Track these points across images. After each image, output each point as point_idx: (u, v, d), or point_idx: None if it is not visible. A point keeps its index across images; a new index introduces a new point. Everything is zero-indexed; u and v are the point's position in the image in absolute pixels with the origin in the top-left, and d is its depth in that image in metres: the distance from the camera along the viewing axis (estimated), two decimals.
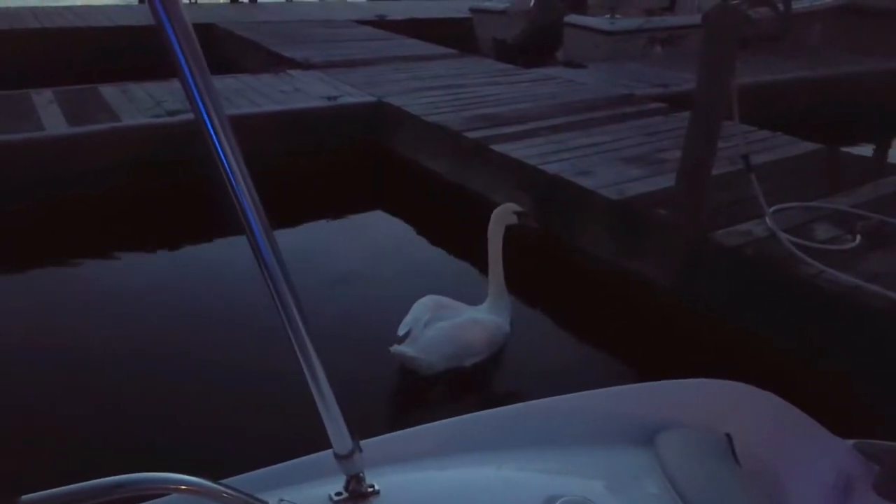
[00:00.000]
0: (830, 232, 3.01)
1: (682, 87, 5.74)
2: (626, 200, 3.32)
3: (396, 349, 2.52)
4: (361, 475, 0.87)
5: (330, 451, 0.85)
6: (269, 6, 11.12)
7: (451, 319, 2.66)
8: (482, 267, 2.90)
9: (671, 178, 3.27)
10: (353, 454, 0.84)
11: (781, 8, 2.94)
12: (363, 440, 0.86)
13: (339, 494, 0.87)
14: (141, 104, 4.67)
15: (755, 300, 2.78)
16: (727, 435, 1.07)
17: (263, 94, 5.15)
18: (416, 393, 2.62)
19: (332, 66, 6.26)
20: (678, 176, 3.14)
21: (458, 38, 8.75)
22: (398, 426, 1.08)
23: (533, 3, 8.60)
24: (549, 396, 1.15)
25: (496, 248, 2.78)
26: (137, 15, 8.67)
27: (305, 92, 5.27)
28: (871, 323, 2.42)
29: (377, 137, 5.01)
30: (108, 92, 4.96)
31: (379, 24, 9.27)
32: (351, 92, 5.27)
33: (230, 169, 0.67)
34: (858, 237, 2.91)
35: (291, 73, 5.97)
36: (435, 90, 5.46)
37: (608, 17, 7.96)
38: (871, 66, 7.26)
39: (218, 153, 0.66)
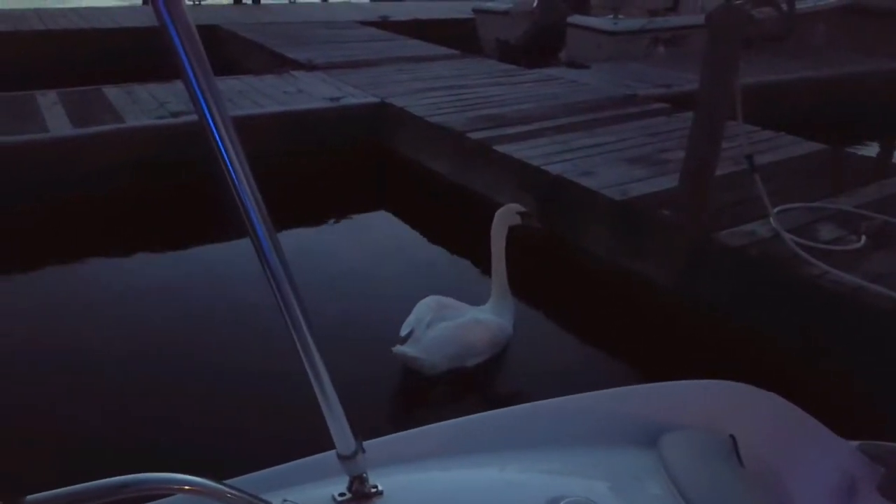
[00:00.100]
0: (835, 232, 3.00)
1: (685, 87, 5.73)
2: (629, 201, 3.32)
3: (399, 349, 2.52)
4: (365, 476, 0.87)
5: (333, 451, 0.85)
6: (272, 7, 11.15)
7: (453, 320, 2.66)
8: (485, 267, 2.90)
9: (674, 178, 3.27)
10: (356, 455, 0.84)
11: (785, 8, 2.93)
12: (366, 441, 0.86)
13: (342, 495, 0.87)
14: (145, 105, 4.68)
15: (759, 301, 2.77)
16: (731, 436, 1.07)
17: (267, 95, 5.16)
18: (418, 393, 2.63)
19: (334, 66, 6.27)
20: (681, 176, 3.14)
21: (460, 38, 8.75)
22: (400, 426, 1.08)
23: (536, 3, 8.60)
24: (552, 397, 1.15)
25: (499, 248, 2.78)
26: (141, 16, 8.70)
27: (308, 93, 5.27)
28: (875, 323, 2.41)
29: (380, 138, 5.02)
30: (112, 93, 4.98)
31: (382, 24, 9.27)
32: (354, 93, 5.28)
33: (233, 170, 0.67)
34: (863, 237, 2.90)
35: (294, 74, 5.98)
36: (438, 91, 5.46)
37: (611, 17, 7.95)
38: (875, 66, 7.23)
39: (221, 154, 0.66)
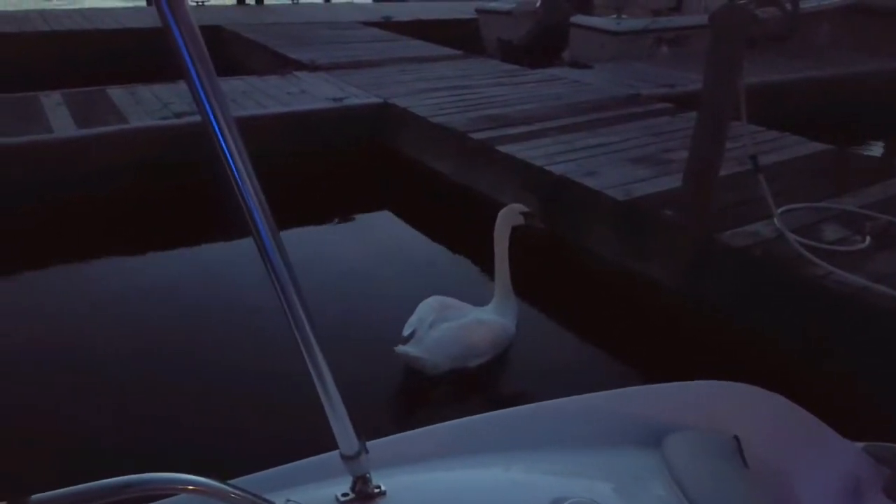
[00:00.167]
0: (839, 233, 2.99)
1: (688, 87, 5.71)
2: (632, 201, 3.31)
3: (401, 349, 2.52)
4: (368, 476, 0.87)
5: (336, 451, 0.85)
6: (275, 8, 11.17)
7: (456, 320, 2.66)
8: (488, 268, 2.90)
9: (678, 178, 3.26)
10: (359, 455, 0.84)
11: (789, 7, 2.92)
12: (369, 441, 0.86)
13: (345, 495, 0.87)
14: (148, 106, 4.70)
15: (763, 301, 2.76)
16: (735, 437, 1.06)
17: (270, 95, 5.17)
18: (420, 393, 2.62)
19: (337, 67, 6.27)
20: (685, 176, 3.13)
21: (463, 39, 8.75)
22: (403, 426, 1.08)
23: (539, 3, 8.60)
24: (555, 398, 1.15)
25: (502, 248, 2.77)
26: (145, 17, 8.72)
27: (311, 93, 5.28)
28: (880, 324, 2.40)
29: (383, 138, 5.02)
30: (115, 94, 4.99)
31: (384, 25, 9.28)
32: (357, 93, 5.28)
33: (237, 170, 0.67)
34: (867, 238, 2.89)
35: (298, 74, 5.99)
36: (440, 91, 5.46)
37: (614, 17, 7.95)
38: (879, 65, 7.21)
39: (225, 154, 0.66)
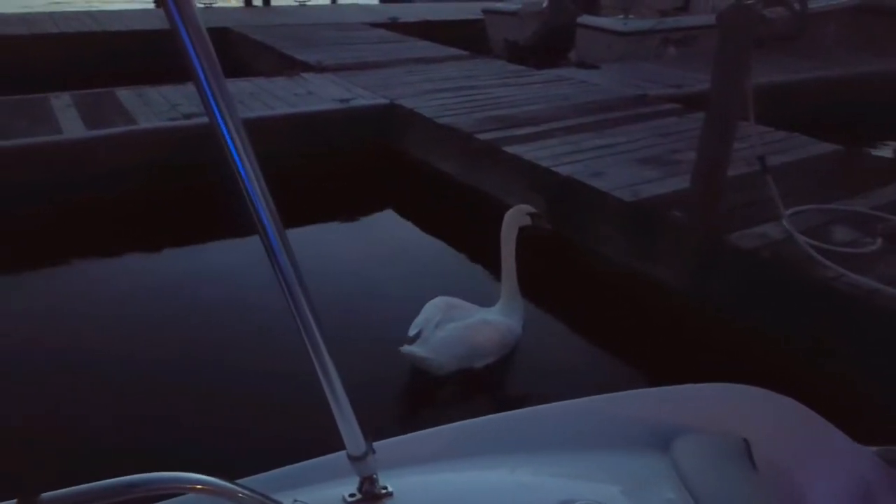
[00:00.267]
0: (849, 234, 2.96)
1: (696, 87, 5.70)
2: (639, 202, 3.30)
3: (407, 349, 2.52)
4: (375, 477, 0.87)
5: (343, 452, 0.85)
6: (282, 10, 11.20)
7: (462, 320, 2.66)
8: (494, 268, 2.90)
9: (686, 179, 3.24)
10: (366, 456, 0.84)
11: (797, 7, 2.90)
12: (376, 442, 0.86)
13: (352, 496, 0.86)
14: (156, 107, 4.72)
15: (771, 303, 2.74)
16: (745, 440, 1.05)
17: (277, 96, 5.19)
18: (426, 394, 2.62)
19: (344, 68, 6.29)
20: (693, 177, 3.11)
21: (470, 39, 8.75)
22: (408, 427, 1.08)
23: (545, 4, 8.58)
24: (561, 399, 1.15)
25: (509, 249, 2.77)
26: (153, 19, 8.77)
27: (318, 94, 5.30)
28: (891, 327, 2.37)
29: (389, 139, 5.03)
30: (124, 95, 5.02)
31: (391, 26, 9.29)
32: (363, 94, 5.29)
33: (244, 171, 0.67)
34: (878, 240, 2.86)
35: (305, 75, 6.01)
36: (447, 92, 5.46)
37: (621, 17, 7.92)
38: (887, 65, 7.15)
39: (232, 155, 0.66)
